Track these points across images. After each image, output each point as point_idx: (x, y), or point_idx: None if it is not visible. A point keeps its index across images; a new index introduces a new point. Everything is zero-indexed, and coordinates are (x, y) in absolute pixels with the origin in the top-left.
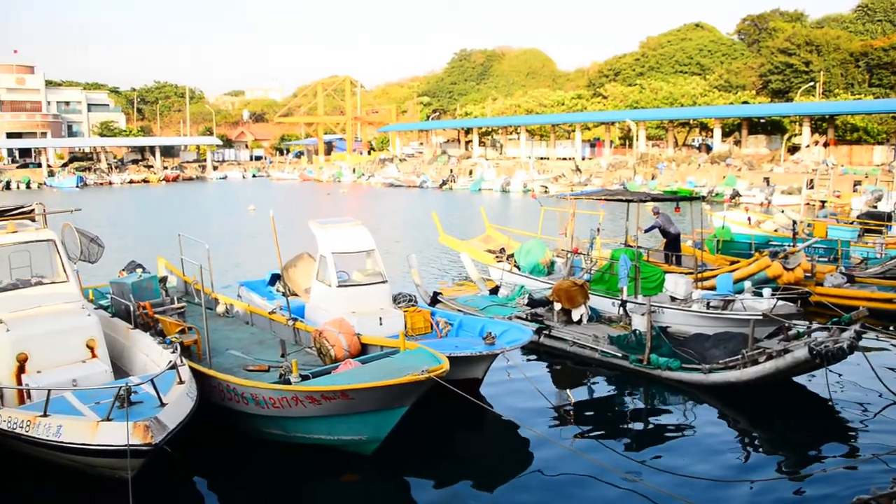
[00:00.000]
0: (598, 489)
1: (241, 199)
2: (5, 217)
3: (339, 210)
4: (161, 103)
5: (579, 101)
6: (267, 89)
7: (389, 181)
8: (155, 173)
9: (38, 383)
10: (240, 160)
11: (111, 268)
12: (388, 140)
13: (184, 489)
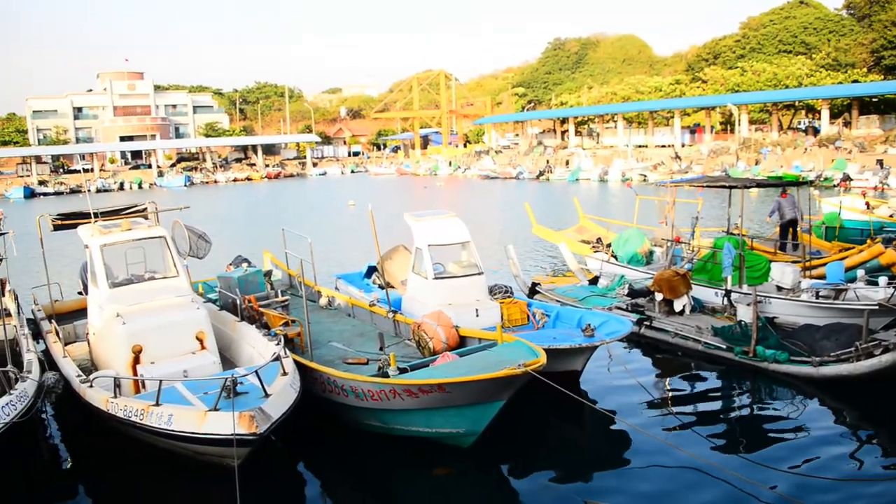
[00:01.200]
0: (701, 487)
1: (341, 195)
2: (121, 215)
3: (435, 203)
4: (262, 103)
5: (678, 87)
6: (363, 86)
7: (485, 173)
8: (257, 171)
9: (151, 374)
10: (338, 156)
11: (219, 262)
12: (484, 132)
13: (287, 478)
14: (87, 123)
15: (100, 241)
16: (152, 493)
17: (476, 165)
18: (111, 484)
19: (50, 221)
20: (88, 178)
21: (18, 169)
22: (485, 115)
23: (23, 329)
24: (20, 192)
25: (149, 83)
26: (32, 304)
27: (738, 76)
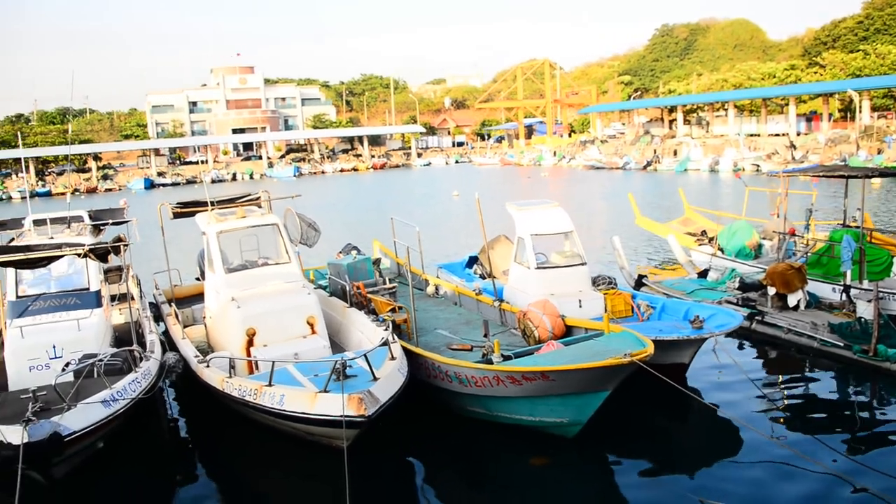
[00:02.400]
0: (811, 492)
1: (445, 185)
2: (235, 204)
3: (539, 193)
4: (367, 95)
5: (793, 73)
6: (467, 76)
7: (591, 163)
8: (363, 162)
9: (264, 356)
10: (442, 147)
11: (329, 250)
12: (589, 122)
13: (393, 461)
14: (201, 117)
15: (216, 229)
16: (264, 470)
17: (581, 155)
18: (225, 459)
19: (170, 210)
20: (203, 170)
21: (139, 161)
22: (590, 104)
23: (145, 312)
24: (141, 183)
25: (259, 77)
26: (154, 289)
27: (861, 60)
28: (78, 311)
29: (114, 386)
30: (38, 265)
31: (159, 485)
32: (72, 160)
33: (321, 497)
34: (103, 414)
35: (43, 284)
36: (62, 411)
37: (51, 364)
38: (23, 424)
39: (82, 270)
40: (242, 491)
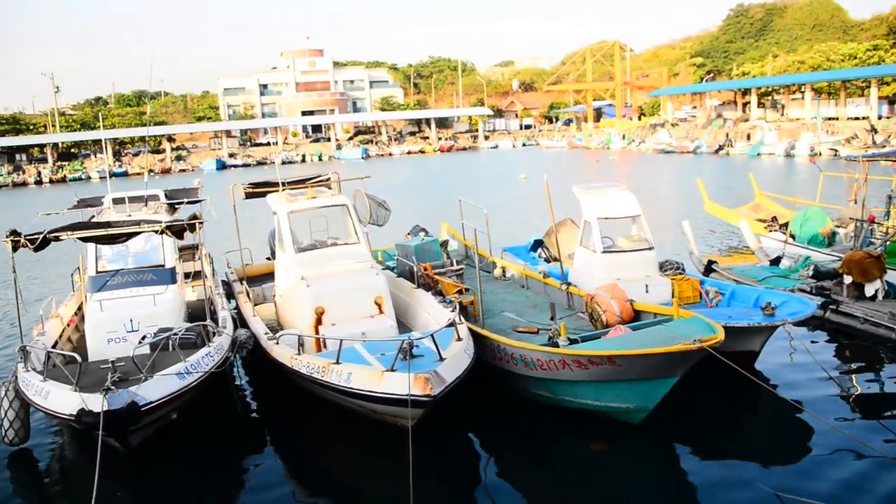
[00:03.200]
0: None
1: (512, 168)
2: (306, 185)
3: (607, 177)
4: (435, 77)
5: (876, 53)
6: (535, 58)
7: (661, 147)
8: (430, 144)
9: (332, 335)
10: (510, 129)
11: (397, 231)
12: (659, 105)
13: (457, 441)
14: (271, 99)
15: (287, 209)
16: (330, 446)
17: (651, 139)
18: (292, 434)
19: (242, 190)
20: (273, 151)
21: (211, 143)
22: (660, 87)
23: (217, 289)
24: (212, 164)
25: (328, 60)
26: (226, 268)
27: None
28: (154, 287)
29: (188, 359)
30: (117, 241)
31: (229, 456)
32: (147, 141)
33: (385, 474)
34: (178, 386)
35: (121, 260)
36: (139, 382)
37: (128, 337)
38: (103, 393)
39: (158, 247)
40: (308, 465)
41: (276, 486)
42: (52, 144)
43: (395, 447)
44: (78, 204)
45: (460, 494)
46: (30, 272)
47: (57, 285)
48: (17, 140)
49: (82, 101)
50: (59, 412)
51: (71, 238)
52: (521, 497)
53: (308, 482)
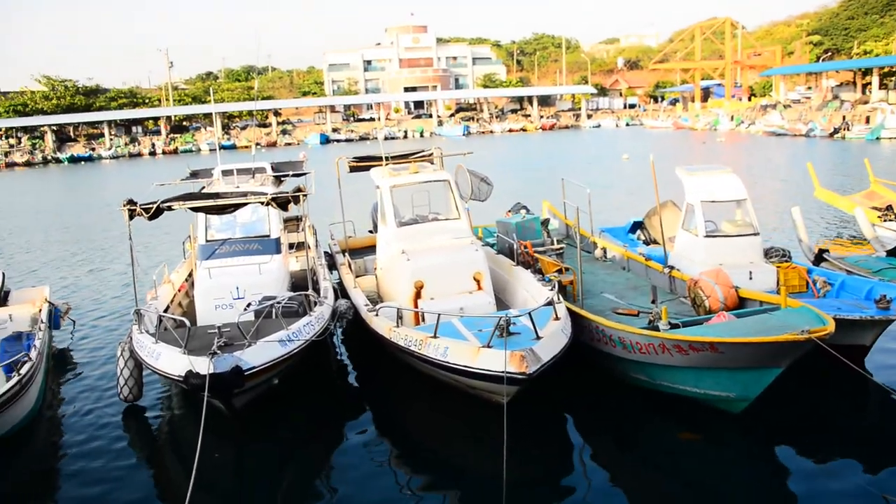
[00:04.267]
0: None
1: (615, 148)
2: (409, 159)
3: (713, 159)
4: (538, 54)
5: None
6: (642, 35)
7: (771, 129)
8: (532, 122)
9: (430, 309)
10: (613, 108)
11: (498, 208)
12: (771, 85)
13: (552, 421)
14: (374, 75)
15: (390, 183)
16: (425, 418)
17: (761, 120)
18: (389, 404)
19: (347, 164)
20: (376, 127)
21: (315, 117)
22: (773, 66)
23: (320, 260)
24: (317, 138)
25: (432, 36)
26: (329, 239)
27: None
28: (259, 257)
29: (290, 327)
30: (225, 212)
31: (326, 422)
32: (255, 116)
33: (479, 449)
34: (280, 352)
35: (229, 230)
36: (243, 347)
37: (234, 304)
38: (209, 357)
39: (264, 218)
40: (403, 435)
41: (371, 455)
42: (166, 117)
43: (490, 422)
44: (190, 175)
45: (552, 472)
46: (145, 239)
47: (169, 252)
48: (134, 113)
49: (194, 76)
50: (168, 373)
51: (182, 208)
52: (609, 479)
53: (402, 452)
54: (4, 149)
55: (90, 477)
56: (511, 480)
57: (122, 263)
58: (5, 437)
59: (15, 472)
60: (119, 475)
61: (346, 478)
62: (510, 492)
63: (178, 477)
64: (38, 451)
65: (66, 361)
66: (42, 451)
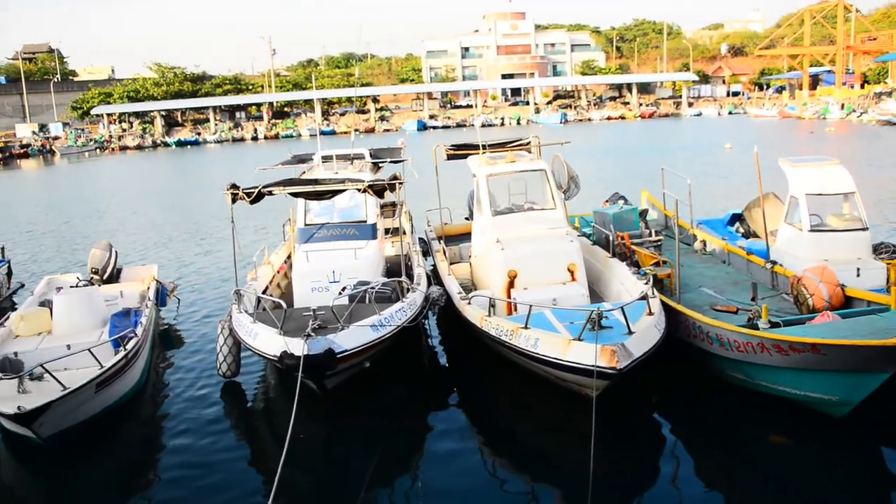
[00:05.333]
0: None
1: (716, 137)
2: (506, 148)
3: (821, 150)
4: (639, 41)
5: None
6: (747, 21)
7: (886, 118)
8: (631, 110)
9: (523, 298)
10: (715, 96)
11: (596, 198)
12: (887, 71)
13: (642, 416)
14: (472, 62)
15: (486, 172)
16: (514, 408)
17: (875, 109)
18: (478, 392)
19: (444, 151)
20: (472, 114)
21: (413, 104)
22: (890, 52)
23: (415, 246)
24: (414, 125)
25: (530, 23)
26: (425, 226)
27: None
28: (355, 242)
29: (382, 312)
30: (324, 197)
31: (415, 406)
32: (353, 102)
33: (566, 441)
34: (372, 337)
35: (327, 215)
36: (337, 330)
37: (329, 287)
38: (304, 338)
39: (362, 204)
40: (490, 423)
41: (457, 441)
42: (268, 103)
43: (579, 415)
44: (291, 159)
45: (639, 467)
46: (247, 222)
47: (270, 235)
48: (238, 99)
49: (295, 63)
50: (265, 352)
51: (282, 193)
52: (697, 478)
53: (489, 440)
54: (118, 133)
55: (188, 447)
56: (597, 474)
57: (225, 244)
58: (112, 409)
59: (120, 441)
60: (215, 447)
61: (432, 463)
62: (596, 485)
63: (270, 451)
64: (141, 421)
65: (171, 338)
66: (145, 421)
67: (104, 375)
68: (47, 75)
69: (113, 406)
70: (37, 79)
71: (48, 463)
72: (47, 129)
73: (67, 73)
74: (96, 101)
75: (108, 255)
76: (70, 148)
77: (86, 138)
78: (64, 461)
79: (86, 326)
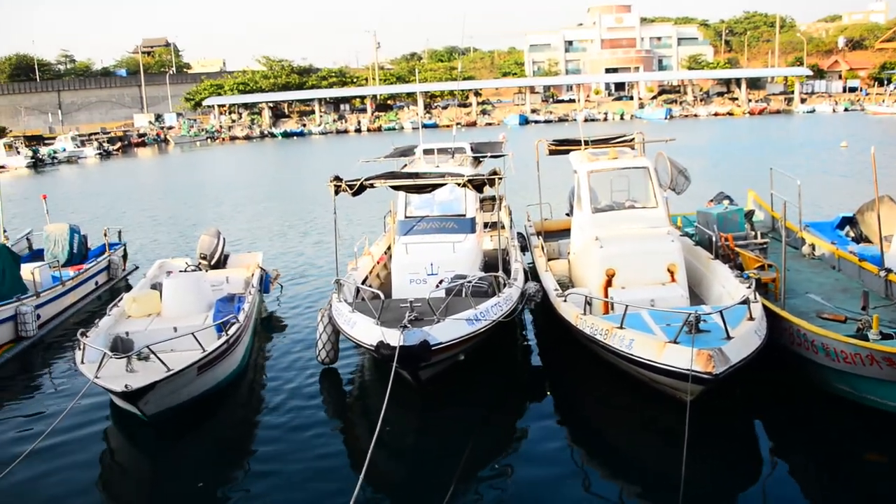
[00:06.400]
0: None
1: (831, 135)
2: (609, 144)
3: None
4: (749, 34)
5: None
6: (868, 11)
7: None
8: (739, 106)
9: (620, 298)
10: (830, 92)
11: (700, 197)
12: None
13: (738, 423)
14: (575, 56)
15: (587, 168)
16: (607, 409)
17: None
18: (570, 390)
19: (546, 146)
20: (574, 108)
21: (515, 98)
22: None
23: (513, 241)
24: (515, 119)
25: (635, 16)
26: (525, 221)
27: None
28: (454, 235)
29: (478, 306)
30: (424, 191)
31: (508, 401)
32: (455, 95)
33: (659, 445)
34: (467, 330)
35: (427, 208)
36: (433, 323)
37: (427, 280)
38: (400, 329)
39: (461, 198)
40: (582, 421)
41: (547, 438)
42: (371, 96)
43: (673, 419)
44: (394, 152)
45: (732, 476)
46: (348, 213)
47: (371, 226)
48: (342, 92)
49: (398, 57)
50: (362, 341)
51: (384, 185)
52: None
53: (579, 439)
54: (227, 123)
55: (283, 430)
56: (689, 480)
57: (327, 234)
58: (213, 391)
59: (220, 422)
60: (309, 431)
61: (520, 458)
62: (687, 492)
63: (362, 438)
64: (240, 404)
65: (272, 324)
66: (244, 404)
67: (206, 359)
68: (163, 68)
69: (214, 388)
70: (154, 71)
71: (153, 439)
72: (162, 119)
73: (182, 65)
74: (208, 93)
75: (216, 241)
76: (183, 137)
77: (198, 128)
78: (167, 438)
79: (192, 310)
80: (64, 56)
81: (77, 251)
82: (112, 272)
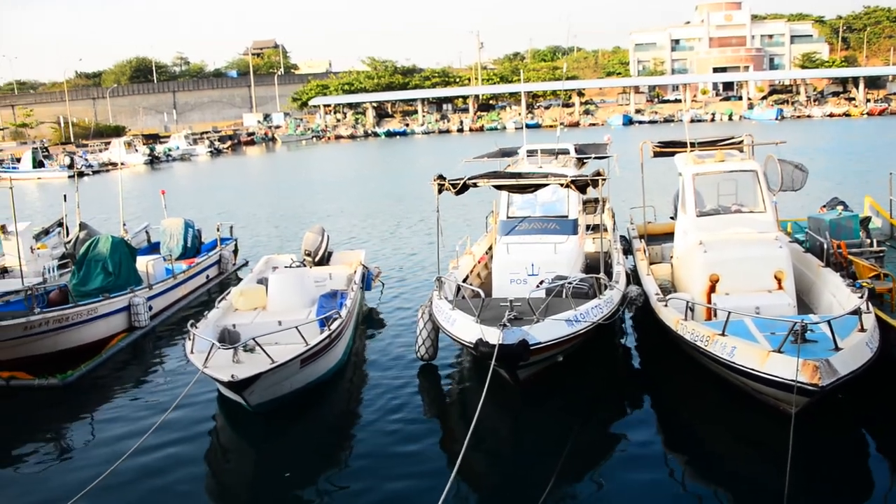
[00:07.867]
0: None
1: None
2: (716, 146)
3: None
4: (869, 30)
5: None
6: None
7: None
8: (857, 106)
9: (724, 304)
10: None
11: (813, 202)
12: None
13: (849, 440)
14: (682, 55)
15: (693, 171)
16: (707, 418)
17: None
18: (669, 397)
19: (651, 148)
20: (680, 109)
21: (619, 98)
22: None
23: (615, 244)
24: (619, 119)
25: (746, 13)
26: (628, 223)
27: None
28: (556, 236)
29: (578, 308)
30: (527, 191)
31: (605, 404)
32: (559, 95)
33: (759, 457)
34: (566, 331)
35: (529, 208)
36: (532, 323)
37: (528, 280)
38: (500, 328)
39: (564, 199)
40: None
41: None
42: (474, 96)
43: (776, 431)
44: (497, 152)
45: (839, 496)
46: (451, 212)
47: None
48: (445, 92)
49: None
50: (461, 339)
51: (486, 185)
52: None
53: (676, 447)
54: (332, 123)
55: (381, 423)
56: (792, 496)
57: (429, 233)
58: (315, 384)
59: (320, 415)
60: (407, 426)
61: (616, 462)
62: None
63: (458, 434)
64: (341, 397)
65: (373, 320)
66: (344, 397)
67: (309, 353)
68: (272, 69)
69: (316, 381)
70: (263, 72)
71: (257, 428)
72: (270, 119)
73: (290, 66)
74: (314, 93)
75: (320, 238)
76: (290, 136)
77: (304, 127)
78: (271, 428)
79: (296, 305)
80: (179, 59)
81: (191, 245)
82: (223, 266)
